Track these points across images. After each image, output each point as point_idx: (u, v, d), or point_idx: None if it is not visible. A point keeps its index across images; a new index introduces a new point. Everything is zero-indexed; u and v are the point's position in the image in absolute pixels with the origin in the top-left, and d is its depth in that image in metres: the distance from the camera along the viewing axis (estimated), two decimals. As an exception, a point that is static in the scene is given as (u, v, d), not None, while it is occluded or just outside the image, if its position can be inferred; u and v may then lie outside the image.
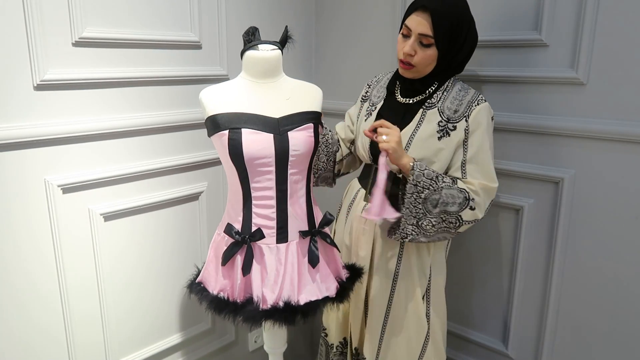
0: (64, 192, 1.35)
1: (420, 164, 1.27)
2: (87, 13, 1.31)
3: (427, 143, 1.32)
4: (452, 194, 1.26)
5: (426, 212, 1.28)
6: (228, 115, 1.27)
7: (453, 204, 1.26)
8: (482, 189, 1.29)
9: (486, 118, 1.30)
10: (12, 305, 1.31)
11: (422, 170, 1.26)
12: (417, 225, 1.29)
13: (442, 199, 1.26)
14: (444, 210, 1.27)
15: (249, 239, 1.30)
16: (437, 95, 1.34)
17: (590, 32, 1.30)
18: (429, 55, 1.28)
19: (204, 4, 1.57)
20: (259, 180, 1.28)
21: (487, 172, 1.30)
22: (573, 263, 1.44)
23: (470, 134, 1.30)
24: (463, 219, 1.28)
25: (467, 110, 1.30)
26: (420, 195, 1.26)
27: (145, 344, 1.65)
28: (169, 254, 1.64)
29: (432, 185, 1.26)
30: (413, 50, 1.27)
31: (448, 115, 1.31)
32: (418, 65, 1.29)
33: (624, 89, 1.28)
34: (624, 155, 1.30)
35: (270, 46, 1.33)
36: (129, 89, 1.44)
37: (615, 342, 1.40)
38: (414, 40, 1.27)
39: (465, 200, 1.27)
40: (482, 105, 1.30)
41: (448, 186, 1.27)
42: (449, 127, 1.30)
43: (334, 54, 1.95)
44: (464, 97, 1.32)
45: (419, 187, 1.26)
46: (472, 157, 1.30)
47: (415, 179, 1.26)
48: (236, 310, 1.28)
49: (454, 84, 1.36)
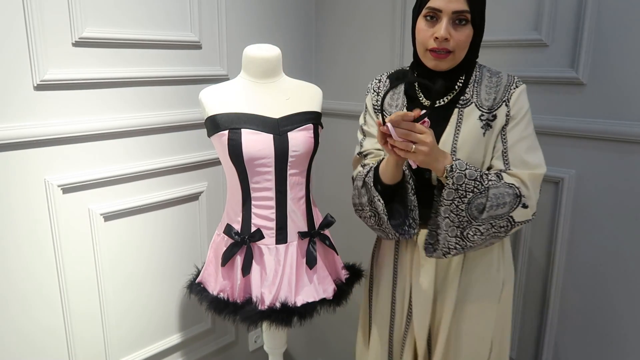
0: (64, 192, 1.35)
1: (460, 163, 1.08)
2: (87, 13, 1.31)
3: (474, 144, 1.15)
4: (500, 193, 1.09)
5: (471, 219, 1.09)
6: (228, 116, 1.27)
7: (503, 205, 1.09)
8: (531, 180, 1.12)
9: (527, 101, 1.16)
10: (13, 305, 1.31)
11: (463, 171, 1.07)
12: (462, 236, 1.11)
13: (489, 201, 1.08)
14: (493, 215, 1.09)
15: (249, 239, 1.30)
16: (469, 90, 1.17)
17: (590, 32, 1.30)
18: (467, 36, 1.11)
19: (204, 4, 1.57)
20: (258, 180, 1.28)
21: (533, 158, 1.14)
22: (573, 263, 1.43)
23: (511, 119, 1.15)
24: (516, 221, 1.11)
25: (505, 94, 1.15)
26: (463, 201, 1.08)
27: (145, 344, 1.65)
28: (169, 254, 1.64)
29: (476, 187, 1.08)
30: (448, 33, 1.08)
31: (488, 106, 1.15)
32: (456, 50, 1.11)
33: (624, 89, 1.28)
34: (624, 155, 1.30)
35: (270, 46, 1.33)
36: (129, 89, 1.44)
37: (615, 342, 1.40)
38: (448, 21, 1.08)
39: (516, 198, 1.10)
40: (521, 87, 1.16)
41: (494, 184, 1.09)
42: (490, 117, 1.15)
43: (333, 53, 1.94)
44: (499, 82, 1.17)
45: (461, 190, 1.07)
46: (514, 143, 1.14)
47: (456, 182, 1.07)
48: (236, 310, 1.29)
49: (480, 70, 1.19)
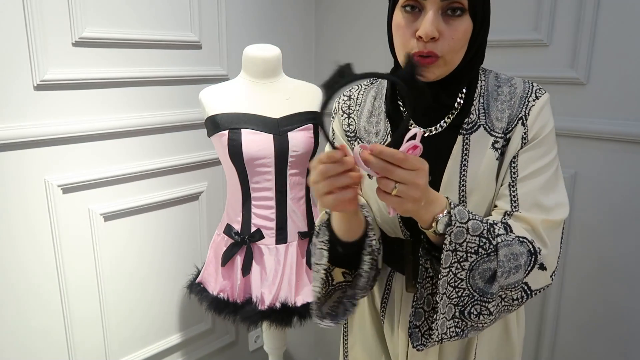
0: (64, 192, 1.35)
1: (460, 212, 0.73)
2: (87, 13, 1.31)
3: (490, 184, 0.83)
4: (513, 253, 0.75)
5: (474, 293, 0.75)
6: (228, 116, 1.27)
7: (517, 269, 0.75)
8: (547, 229, 0.78)
9: (551, 117, 0.85)
10: (12, 305, 1.31)
11: (465, 224, 0.72)
12: (462, 316, 0.76)
13: (501, 267, 0.74)
14: (504, 285, 0.75)
15: (249, 239, 1.30)
16: (475, 107, 0.83)
17: (590, 32, 1.30)
18: (463, 32, 0.76)
19: (204, 4, 1.57)
20: (258, 180, 1.28)
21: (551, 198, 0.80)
22: (573, 263, 1.43)
23: (528, 143, 0.81)
24: (532, 289, 0.77)
25: (521, 108, 0.82)
26: (463, 266, 0.73)
27: (145, 344, 1.65)
28: (169, 254, 1.64)
29: (482, 247, 0.73)
30: (436, 29, 0.74)
31: (502, 128, 0.82)
32: (448, 53, 0.76)
33: (624, 89, 1.28)
34: (624, 155, 1.30)
35: (270, 46, 1.33)
36: (129, 89, 1.44)
37: (615, 343, 1.39)
38: (435, 12, 0.74)
39: (530, 257, 0.76)
40: (543, 98, 0.84)
41: (505, 241, 0.75)
42: (505, 143, 0.82)
43: (333, 54, 1.94)
44: (513, 93, 0.84)
45: (461, 252, 0.73)
46: (527, 176, 0.81)
47: (455, 240, 0.72)
48: (236, 310, 1.29)
49: (486, 78, 0.87)
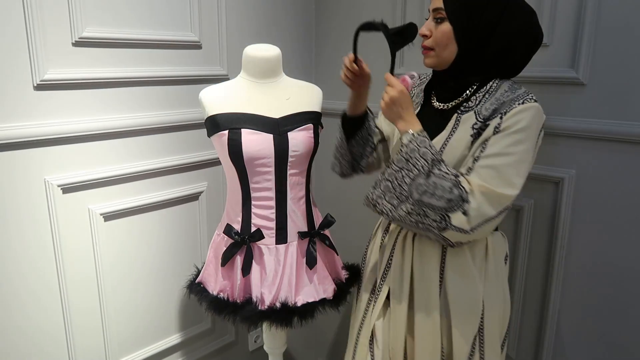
0: (64, 192, 1.35)
1: (421, 136, 1.06)
2: (87, 13, 1.31)
3: (460, 153, 1.10)
4: (442, 185, 1.02)
5: (408, 197, 1.05)
6: (228, 116, 1.27)
7: (440, 198, 1.02)
8: (482, 193, 1.02)
9: (528, 120, 1.03)
10: (12, 305, 1.31)
11: (419, 146, 1.05)
12: (395, 207, 1.08)
13: (426, 187, 1.03)
14: (426, 202, 1.03)
15: (249, 239, 1.30)
16: (475, 98, 1.11)
17: (590, 32, 1.30)
18: (442, 32, 1.09)
19: (204, 4, 1.57)
20: (258, 180, 1.28)
21: (500, 175, 1.02)
22: (573, 263, 1.43)
23: (501, 132, 1.03)
24: (451, 222, 1.02)
25: (506, 107, 1.04)
26: (409, 175, 1.05)
27: (145, 344, 1.65)
28: (169, 254, 1.64)
29: (423, 167, 1.03)
30: (428, 30, 1.11)
31: (485, 116, 1.07)
32: (435, 46, 1.11)
33: (624, 89, 1.28)
34: (624, 155, 1.30)
35: (270, 46, 1.33)
36: (129, 89, 1.44)
37: (615, 343, 1.39)
38: (431, 19, 1.11)
39: (459, 199, 1.01)
40: (529, 105, 1.03)
41: (443, 175, 1.03)
42: (483, 127, 1.06)
43: (334, 54, 1.94)
44: (509, 96, 1.07)
45: (410, 164, 1.05)
46: (491, 154, 1.03)
47: (408, 153, 1.05)
48: (236, 310, 1.29)
49: (500, 85, 1.11)
